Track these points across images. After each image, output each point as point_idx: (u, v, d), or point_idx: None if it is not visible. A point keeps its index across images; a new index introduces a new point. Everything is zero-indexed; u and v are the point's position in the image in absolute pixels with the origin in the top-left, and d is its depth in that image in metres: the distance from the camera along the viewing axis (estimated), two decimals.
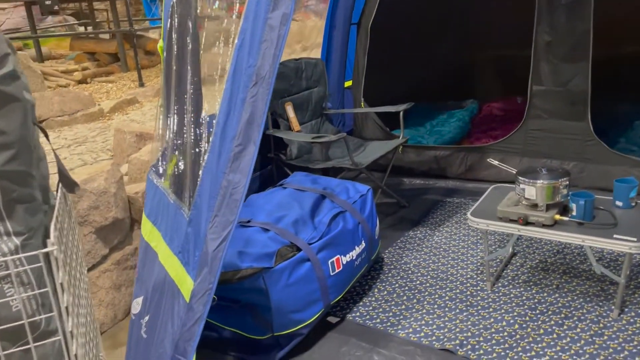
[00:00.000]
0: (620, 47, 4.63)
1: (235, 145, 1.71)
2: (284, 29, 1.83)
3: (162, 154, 2.05)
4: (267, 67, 1.79)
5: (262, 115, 1.75)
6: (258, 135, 1.74)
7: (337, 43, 3.74)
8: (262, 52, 1.80)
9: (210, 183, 1.68)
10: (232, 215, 1.64)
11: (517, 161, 3.51)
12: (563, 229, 2.16)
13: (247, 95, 1.76)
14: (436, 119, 4.70)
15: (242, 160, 1.70)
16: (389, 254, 2.81)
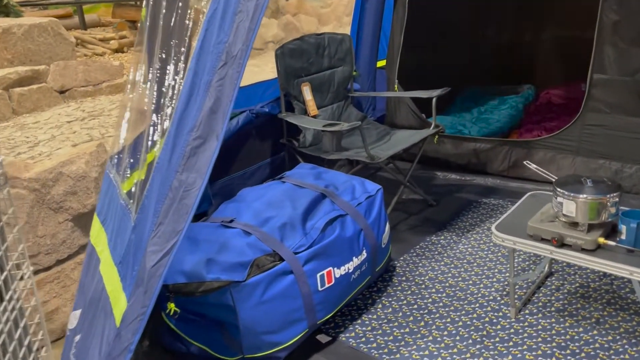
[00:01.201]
0: None
1: (192, 138, 1.43)
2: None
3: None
4: (240, 44, 1.49)
5: (229, 103, 1.46)
6: (222, 126, 1.45)
7: (370, 17, 3.36)
8: (235, 25, 1.49)
9: (160, 183, 1.41)
10: (180, 224, 1.36)
11: (570, 161, 3.03)
12: (607, 256, 1.75)
13: (214, 78, 1.47)
14: (485, 105, 4.22)
15: (200, 156, 1.42)
16: (404, 261, 2.47)
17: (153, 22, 1.85)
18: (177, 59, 1.65)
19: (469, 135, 3.52)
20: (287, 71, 2.78)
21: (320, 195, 2.09)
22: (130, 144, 1.69)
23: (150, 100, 1.69)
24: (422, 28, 3.59)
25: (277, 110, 2.83)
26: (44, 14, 7.11)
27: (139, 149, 1.64)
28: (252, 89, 2.81)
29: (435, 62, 3.98)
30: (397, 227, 2.79)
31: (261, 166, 2.86)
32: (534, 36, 4.67)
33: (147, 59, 1.83)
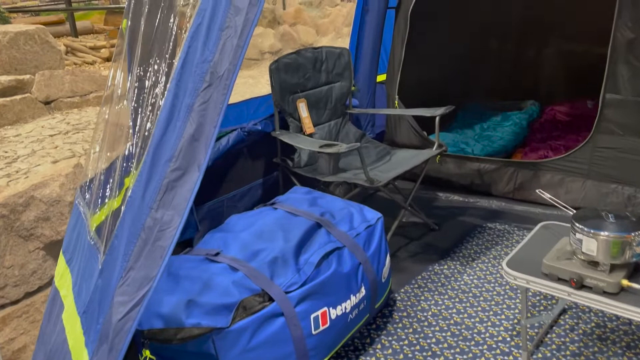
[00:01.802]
0: None
1: (170, 170, 1.25)
2: (255, 11, 1.34)
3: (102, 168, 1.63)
4: (227, 64, 1.32)
5: (213, 129, 1.29)
6: (205, 156, 1.27)
7: (370, 30, 3.20)
8: (221, 42, 1.33)
9: (131, 221, 1.23)
10: (153, 270, 1.19)
11: (580, 184, 2.87)
12: (632, 300, 1.58)
13: (196, 101, 1.30)
14: (488, 121, 4.07)
15: (179, 191, 1.25)
16: (405, 294, 2.29)
17: (133, 34, 1.68)
18: (157, 78, 1.48)
19: (472, 154, 3.36)
20: (282, 87, 2.62)
21: (315, 225, 1.92)
22: (103, 172, 1.52)
23: (127, 121, 1.52)
24: (424, 42, 3.45)
25: (270, 128, 2.67)
26: (36, 20, 6.96)
27: (112, 177, 1.46)
28: (244, 105, 2.64)
29: (437, 76, 3.83)
30: (398, 255, 2.62)
31: (253, 187, 2.68)
32: (538, 51, 4.53)
33: (127, 73, 1.66)
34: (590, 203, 2.82)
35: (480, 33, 4.22)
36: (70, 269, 1.51)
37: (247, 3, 1.33)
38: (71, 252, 1.57)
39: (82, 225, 1.54)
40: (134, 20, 1.69)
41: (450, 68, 3.98)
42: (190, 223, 2.19)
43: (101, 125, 1.67)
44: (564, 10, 4.04)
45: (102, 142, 1.60)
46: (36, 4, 6.87)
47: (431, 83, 3.75)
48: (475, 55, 4.33)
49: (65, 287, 1.46)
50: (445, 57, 3.89)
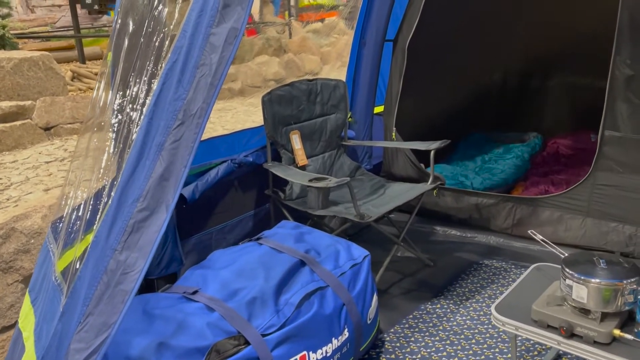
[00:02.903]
0: None
1: (137, 210, 1.22)
2: (231, 49, 1.33)
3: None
4: (200, 102, 1.30)
5: (183, 169, 1.26)
6: (173, 196, 1.24)
7: (367, 62, 3.19)
8: (196, 80, 1.31)
9: (94, 264, 1.19)
10: (113, 316, 1.14)
11: (579, 222, 2.80)
12: (624, 352, 1.51)
13: (167, 140, 1.27)
14: (490, 153, 4.02)
15: (145, 232, 1.21)
16: (394, 334, 2.21)
17: (115, 63, 1.67)
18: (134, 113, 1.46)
19: (471, 188, 3.31)
20: (274, 119, 2.60)
21: (298, 263, 1.87)
22: (75, 209, 1.49)
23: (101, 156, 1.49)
24: (423, 74, 3.43)
25: (262, 160, 2.64)
26: (46, 45, 7.08)
27: (84, 215, 1.43)
28: (235, 137, 2.62)
29: (437, 107, 3.81)
30: (389, 291, 2.55)
31: (243, 219, 2.64)
32: (542, 83, 4.50)
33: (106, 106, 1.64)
34: (590, 241, 2.75)
35: (484, 65, 4.21)
36: (34, 309, 1.47)
37: (223, 41, 1.32)
38: (37, 291, 1.53)
39: (49, 263, 1.50)
40: (116, 50, 1.68)
41: (452, 100, 3.96)
42: (174, 257, 2.15)
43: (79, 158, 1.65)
44: (568, 43, 4.02)
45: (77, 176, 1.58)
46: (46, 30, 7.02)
47: (431, 115, 3.72)
48: (478, 87, 4.31)
49: (28, 329, 1.41)
50: (447, 89, 3.87)
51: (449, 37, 3.62)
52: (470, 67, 4.01)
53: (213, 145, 2.53)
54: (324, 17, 8.46)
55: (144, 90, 1.41)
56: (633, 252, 2.66)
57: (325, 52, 7.03)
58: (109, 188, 1.34)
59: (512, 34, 4.16)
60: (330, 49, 6.81)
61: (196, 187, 2.30)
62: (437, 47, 3.55)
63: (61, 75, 4.39)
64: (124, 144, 1.39)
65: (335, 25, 7.59)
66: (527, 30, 4.19)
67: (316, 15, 8.99)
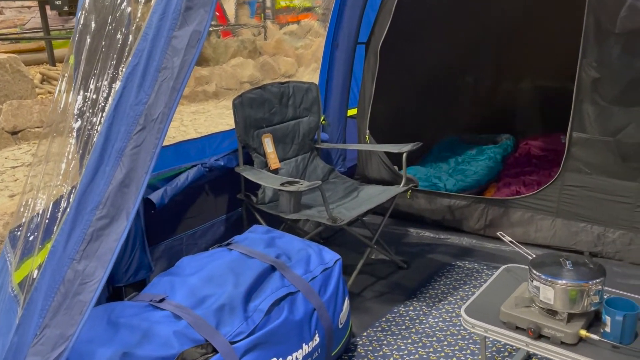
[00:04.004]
0: None
1: (96, 218, 1.19)
2: (193, 52, 1.30)
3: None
4: (162, 107, 1.27)
5: (144, 175, 1.23)
6: (134, 203, 1.21)
7: (340, 64, 3.19)
8: (157, 84, 1.28)
9: (51, 274, 1.16)
10: (70, 328, 1.11)
11: (549, 222, 2.83)
12: (590, 352, 1.52)
13: (128, 145, 1.24)
14: (463, 154, 4.06)
15: (105, 240, 1.18)
16: (367, 338, 2.21)
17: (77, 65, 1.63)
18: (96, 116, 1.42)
19: (444, 190, 3.33)
20: (246, 122, 2.57)
21: (269, 268, 1.85)
22: (34, 216, 1.45)
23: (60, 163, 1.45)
24: (396, 76, 3.44)
25: (234, 163, 2.61)
26: (15, 47, 6.91)
27: (42, 224, 1.39)
28: (206, 140, 2.59)
29: (410, 110, 3.82)
30: (362, 294, 2.54)
31: (215, 224, 2.61)
32: (514, 85, 4.57)
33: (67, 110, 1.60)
34: (560, 242, 2.79)
35: (456, 68, 4.24)
36: None
37: (186, 44, 1.30)
38: None
39: (6, 274, 1.45)
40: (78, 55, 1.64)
41: (425, 102, 3.98)
42: (143, 263, 2.11)
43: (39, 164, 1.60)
44: (538, 46, 4.08)
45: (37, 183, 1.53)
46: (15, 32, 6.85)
47: (404, 117, 3.74)
48: (451, 90, 4.34)
49: None
50: (420, 91, 3.89)
51: (421, 39, 3.65)
52: (443, 70, 4.04)
53: (183, 149, 2.49)
54: (300, 18, 8.45)
55: (105, 94, 1.37)
56: (602, 251, 2.71)
57: (300, 54, 7.02)
58: (68, 195, 1.30)
59: (483, 37, 4.21)
60: (305, 51, 6.80)
61: (165, 192, 2.26)
62: (410, 50, 3.56)
63: (29, 78, 4.28)
64: (84, 149, 1.35)
65: (311, 27, 7.59)
66: (498, 33, 4.24)
67: (292, 17, 8.97)
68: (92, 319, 1.52)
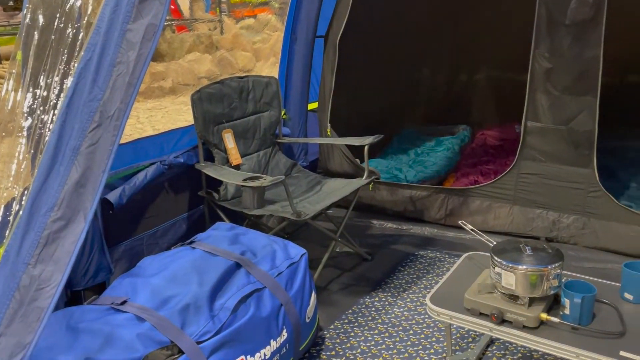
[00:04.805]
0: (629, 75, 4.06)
1: (52, 220, 1.14)
2: (149, 46, 1.26)
3: None
4: (118, 103, 1.23)
5: (101, 174, 1.19)
6: (92, 203, 1.17)
7: (299, 58, 3.17)
8: (112, 79, 1.23)
9: (5, 280, 1.10)
10: (28, 335, 1.06)
11: (507, 210, 2.92)
12: (551, 334, 1.57)
13: (83, 144, 1.19)
14: (422, 146, 4.12)
15: (61, 243, 1.13)
16: (334, 331, 2.21)
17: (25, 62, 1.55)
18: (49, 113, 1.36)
19: (405, 181, 3.37)
20: (205, 117, 2.52)
21: (234, 265, 1.82)
22: None
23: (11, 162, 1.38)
24: (356, 70, 3.46)
25: (194, 160, 2.56)
26: None
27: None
28: (165, 137, 2.53)
29: (370, 103, 3.85)
30: (329, 288, 2.55)
31: (177, 222, 2.55)
32: (470, 77, 4.66)
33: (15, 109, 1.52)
34: (518, 228, 2.87)
35: (414, 61, 4.30)
36: None
37: (141, 38, 1.25)
38: None
39: None
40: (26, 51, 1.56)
41: (385, 95, 4.01)
42: (102, 266, 2.04)
43: None
44: (493, 38, 4.18)
45: None
46: None
47: (365, 110, 3.76)
48: (409, 82, 4.40)
49: None
50: (379, 84, 3.92)
51: (379, 33, 3.67)
52: (401, 63, 4.09)
53: (141, 146, 2.43)
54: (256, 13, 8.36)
55: (56, 91, 1.31)
56: (557, 236, 2.80)
57: (258, 49, 6.95)
58: (20, 197, 1.24)
59: (440, 29, 4.28)
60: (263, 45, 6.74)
61: (123, 191, 2.20)
62: (368, 43, 3.59)
63: None
64: (36, 149, 1.29)
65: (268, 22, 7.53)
66: (454, 25, 4.32)
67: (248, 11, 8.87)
68: (50, 325, 1.47)
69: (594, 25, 2.44)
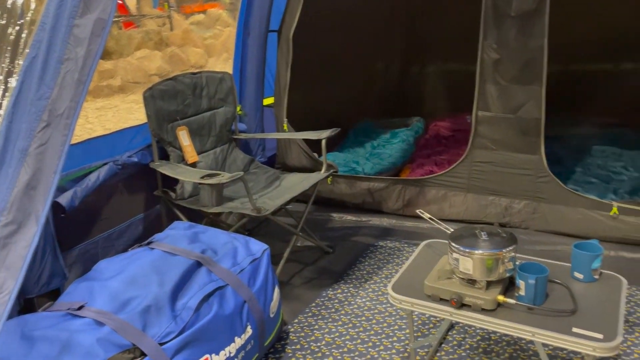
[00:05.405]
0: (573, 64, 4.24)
1: (2, 225, 1.09)
2: (99, 41, 1.22)
3: None
4: (68, 101, 1.19)
5: (53, 175, 1.15)
6: (44, 206, 1.12)
7: (253, 53, 3.15)
8: (60, 76, 1.19)
9: None
10: None
11: (462, 198, 3.00)
12: (508, 315, 1.63)
13: (32, 144, 1.14)
14: (378, 138, 4.17)
15: (13, 248, 1.09)
16: (298, 325, 2.22)
17: None
18: None
19: (363, 173, 3.41)
20: (158, 115, 2.47)
21: (195, 264, 1.80)
22: None
23: None
24: (310, 63, 3.46)
25: (148, 159, 2.50)
26: None
27: None
28: (117, 136, 2.46)
29: (326, 97, 3.86)
30: (291, 282, 2.55)
31: (133, 224, 2.49)
32: (421, 69, 4.75)
33: None
34: (472, 215, 2.95)
35: (367, 54, 4.34)
36: None
37: (90, 33, 1.22)
38: None
39: None
40: None
41: (340, 89, 4.03)
42: (55, 271, 1.97)
43: None
44: (443, 31, 4.27)
45: None
46: None
47: (321, 104, 3.77)
48: (363, 76, 4.43)
49: None
50: (334, 78, 3.93)
51: (332, 26, 3.68)
52: (355, 57, 4.12)
53: (92, 146, 2.35)
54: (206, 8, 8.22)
55: (0, 91, 1.25)
56: (509, 222, 2.91)
57: (209, 45, 6.84)
58: None
59: (392, 23, 4.33)
60: (215, 41, 6.64)
61: (75, 194, 2.12)
62: (322, 37, 3.59)
63: None
64: None
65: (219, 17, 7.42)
66: (406, 19, 4.39)
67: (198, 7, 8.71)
68: (3, 334, 1.40)
69: (538, 16, 2.53)
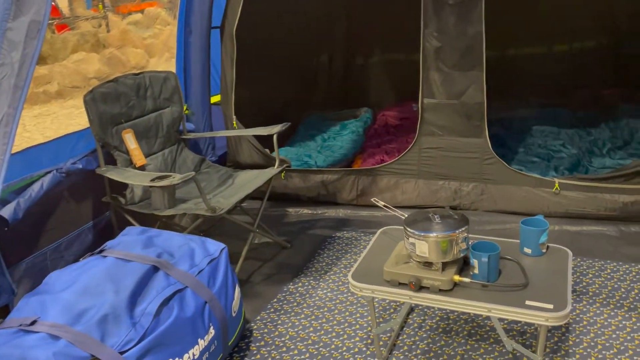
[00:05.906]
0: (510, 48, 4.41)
1: None
2: (35, 44, 1.17)
3: None
4: (5, 107, 1.13)
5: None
6: None
7: (196, 51, 3.09)
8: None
9: None
10: None
11: (413, 184, 3.07)
12: (464, 294, 1.69)
13: None
14: (328, 131, 4.19)
15: None
16: (261, 322, 2.21)
17: None
18: None
19: (316, 166, 3.42)
20: (102, 119, 2.39)
21: (151, 269, 1.76)
22: None
23: None
24: (256, 59, 3.43)
25: (94, 165, 2.42)
26: None
27: None
28: (59, 143, 2.36)
29: (274, 92, 3.85)
30: (252, 280, 2.54)
31: (82, 233, 2.41)
32: (366, 60, 4.81)
33: None
34: (424, 200, 3.03)
35: (310, 47, 4.35)
36: None
37: (24, 36, 1.16)
38: None
39: None
40: None
41: (286, 83, 4.03)
42: (2, 287, 1.88)
43: None
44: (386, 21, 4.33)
45: None
46: None
47: (269, 100, 3.75)
48: (308, 69, 4.44)
49: None
50: (279, 73, 3.92)
51: (275, 21, 3.67)
52: (298, 50, 4.12)
53: (32, 155, 2.25)
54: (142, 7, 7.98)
55: None
56: (459, 204, 3.00)
57: (149, 44, 6.65)
58: None
59: (333, 16, 4.36)
60: (155, 41, 6.47)
61: (18, 206, 2.03)
62: (265, 32, 3.57)
63: None
64: None
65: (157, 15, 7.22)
66: (347, 10, 4.42)
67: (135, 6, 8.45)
68: None
69: (475, 3, 2.61)
